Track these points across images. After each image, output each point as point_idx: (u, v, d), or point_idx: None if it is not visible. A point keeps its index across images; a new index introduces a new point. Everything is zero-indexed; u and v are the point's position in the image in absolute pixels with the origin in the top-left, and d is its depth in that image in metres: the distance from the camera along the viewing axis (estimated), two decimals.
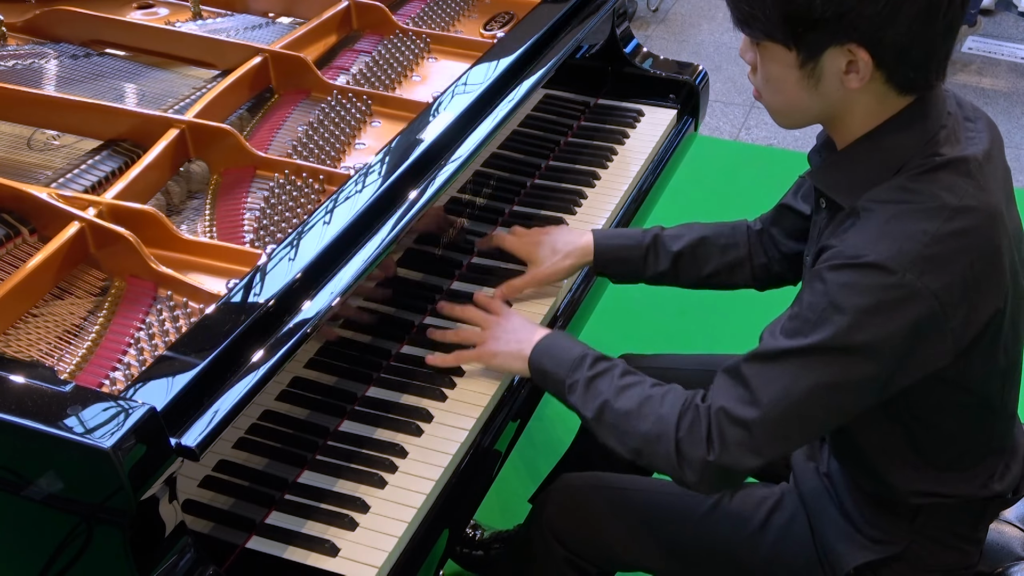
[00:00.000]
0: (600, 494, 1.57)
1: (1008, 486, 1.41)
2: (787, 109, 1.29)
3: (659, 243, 1.67)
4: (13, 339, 1.32)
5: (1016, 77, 4.49)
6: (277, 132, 1.75)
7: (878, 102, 1.24)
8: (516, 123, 1.85)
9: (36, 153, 1.66)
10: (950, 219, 1.19)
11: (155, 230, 1.45)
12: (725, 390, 1.28)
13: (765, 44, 1.24)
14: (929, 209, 1.20)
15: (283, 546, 1.30)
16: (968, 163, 1.23)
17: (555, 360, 1.44)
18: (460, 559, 2.18)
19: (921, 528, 1.40)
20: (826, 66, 1.21)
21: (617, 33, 2.25)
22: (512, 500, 2.25)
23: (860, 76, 1.20)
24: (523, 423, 1.61)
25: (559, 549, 1.56)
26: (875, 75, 1.21)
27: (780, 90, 1.27)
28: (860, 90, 1.22)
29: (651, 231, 1.69)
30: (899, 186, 1.23)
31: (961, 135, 1.27)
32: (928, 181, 1.22)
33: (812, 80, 1.23)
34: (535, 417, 1.66)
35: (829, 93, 1.24)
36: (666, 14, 5.05)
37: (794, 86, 1.24)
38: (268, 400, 1.31)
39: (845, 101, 1.25)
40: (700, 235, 1.67)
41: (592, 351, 1.43)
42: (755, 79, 1.30)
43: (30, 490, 1.11)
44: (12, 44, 1.93)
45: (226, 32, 1.99)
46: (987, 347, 1.28)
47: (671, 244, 1.67)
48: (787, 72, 1.24)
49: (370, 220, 1.43)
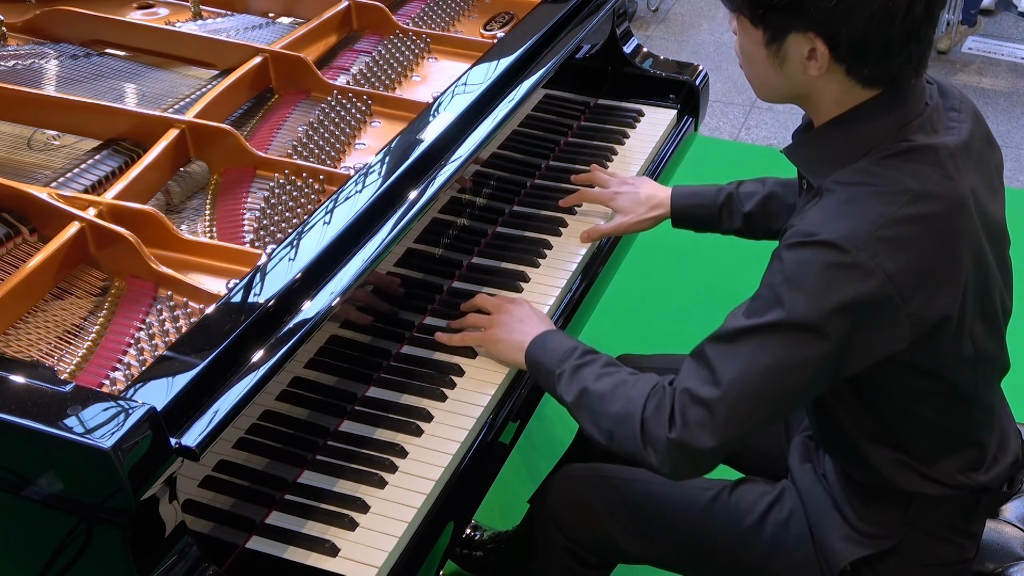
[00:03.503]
0: (601, 484, 1.58)
1: (995, 478, 1.42)
2: (758, 83, 1.34)
3: (732, 202, 1.76)
4: (13, 339, 1.32)
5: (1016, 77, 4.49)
6: (277, 132, 1.75)
7: (843, 91, 1.28)
8: (516, 123, 1.85)
9: (36, 153, 1.66)
10: (910, 204, 1.21)
11: (155, 230, 1.45)
12: (689, 371, 1.31)
13: (740, 18, 1.29)
14: (889, 193, 1.22)
15: (283, 546, 1.30)
16: (938, 151, 1.25)
17: (548, 352, 1.48)
18: (460, 560, 2.18)
19: (913, 521, 1.41)
20: (790, 50, 1.25)
21: (617, 33, 2.25)
22: (512, 500, 2.25)
23: (818, 65, 1.24)
24: (523, 423, 1.61)
25: (560, 538, 1.57)
26: (835, 66, 1.24)
27: (751, 64, 1.32)
28: (824, 77, 1.26)
29: (726, 189, 1.77)
30: (863, 168, 1.25)
31: (940, 125, 1.29)
32: (892, 166, 1.24)
33: (777, 60, 1.27)
34: (535, 417, 1.66)
35: (794, 75, 1.28)
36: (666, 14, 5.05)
37: (762, 63, 1.29)
38: (268, 400, 1.31)
39: (811, 84, 1.28)
40: (770, 192, 1.73)
41: (585, 346, 1.46)
42: (737, 49, 1.35)
43: (30, 490, 1.11)
44: (12, 44, 1.93)
45: (226, 32, 1.99)
46: (951, 337, 1.28)
47: (743, 204, 1.75)
48: (755, 48, 1.29)
49: (370, 220, 1.43)
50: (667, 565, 1.58)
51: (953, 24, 4.64)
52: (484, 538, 2.19)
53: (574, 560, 1.57)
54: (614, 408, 1.35)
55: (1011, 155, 3.87)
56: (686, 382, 1.30)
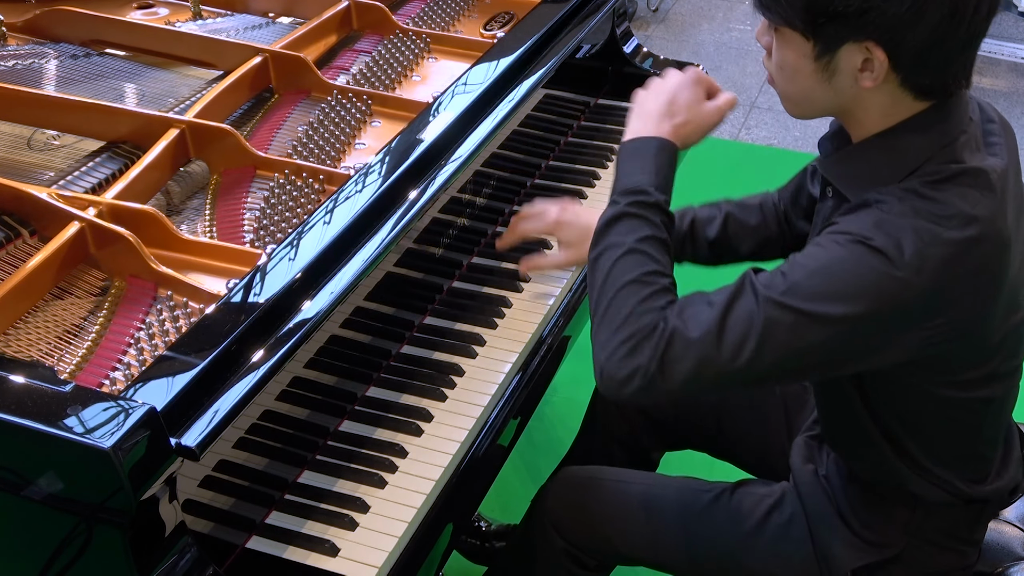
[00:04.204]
0: (600, 487, 1.57)
1: (1001, 489, 1.41)
2: (798, 98, 1.28)
3: (695, 230, 1.66)
4: (13, 339, 1.32)
5: (1016, 77, 4.49)
6: (277, 132, 1.75)
7: (892, 103, 1.23)
8: (516, 123, 1.85)
9: (36, 153, 1.66)
10: (960, 228, 1.17)
11: (155, 230, 1.45)
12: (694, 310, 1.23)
13: (783, 30, 1.22)
14: (940, 213, 1.18)
15: (283, 546, 1.30)
16: (987, 175, 1.21)
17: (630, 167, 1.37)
18: (464, 549, 2.18)
19: (917, 531, 1.40)
20: (842, 61, 1.19)
21: (617, 33, 2.25)
22: (512, 500, 2.25)
23: (874, 76, 1.18)
24: (523, 423, 1.61)
25: (559, 541, 1.56)
26: (890, 76, 1.19)
27: (793, 79, 1.25)
28: (874, 89, 1.20)
29: (685, 216, 1.66)
30: (913, 189, 1.20)
31: (982, 141, 1.26)
32: (943, 189, 1.19)
33: (826, 73, 1.21)
34: (535, 417, 1.66)
35: (843, 88, 1.22)
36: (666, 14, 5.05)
37: (808, 77, 1.23)
38: (268, 400, 1.31)
39: (859, 98, 1.23)
40: (726, 215, 1.65)
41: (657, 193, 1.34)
42: (769, 64, 1.28)
43: (30, 490, 1.11)
44: (12, 44, 1.93)
45: (226, 32, 1.99)
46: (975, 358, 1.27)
47: (706, 230, 1.65)
48: (801, 62, 1.22)
49: (370, 220, 1.43)
50: (666, 567, 1.58)
51: None
52: (492, 529, 2.19)
53: (573, 563, 1.57)
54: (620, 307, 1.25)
55: None
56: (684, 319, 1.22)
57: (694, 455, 1.84)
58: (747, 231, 1.65)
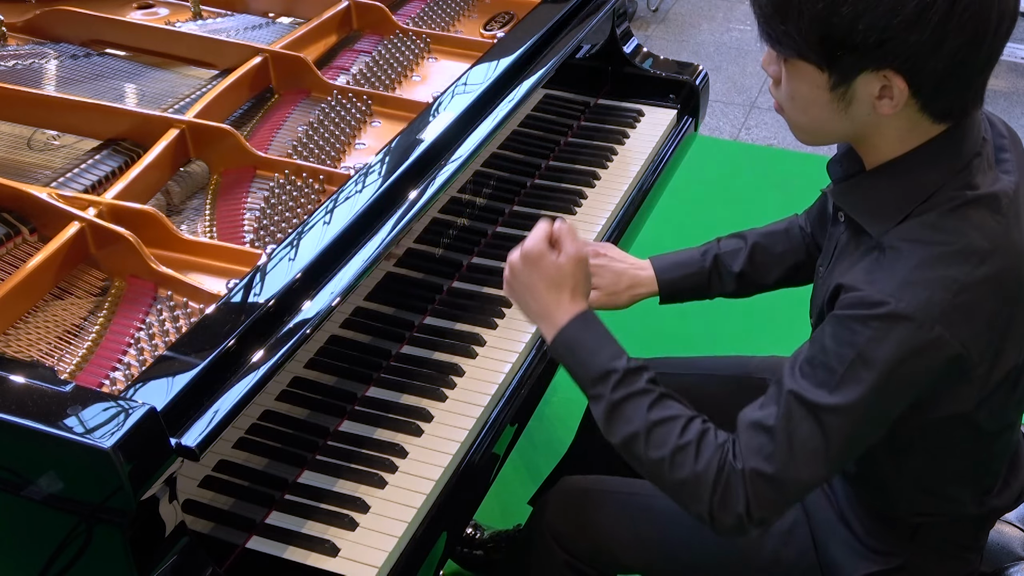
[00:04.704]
0: (600, 498, 1.56)
1: (1007, 500, 1.41)
2: (812, 128, 1.24)
3: (720, 265, 1.62)
4: (13, 339, 1.32)
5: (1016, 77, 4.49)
6: (277, 132, 1.75)
7: (910, 128, 1.19)
8: (516, 123, 1.85)
9: (36, 153, 1.66)
10: (979, 265, 1.15)
11: (155, 230, 1.45)
12: (757, 449, 1.22)
13: (794, 62, 1.18)
14: (958, 253, 1.15)
15: (283, 546, 1.30)
16: (999, 200, 1.19)
17: (577, 363, 1.32)
18: (460, 559, 2.18)
19: (923, 542, 1.40)
20: (858, 90, 1.16)
21: (617, 33, 2.25)
22: (512, 500, 2.25)
23: (894, 103, 1.15)
24: (523, 423, 1.61)
25: (559, 552, 1.55)
26: (909, 102, 1.15)
27: (806, 110, 1.22)
28: (892, 115, 1.17)
29: (709, 251, 1.64)
30: (929, 224, 1.17)
31: (994, 160, 1.24)
32: (959, 218, 1.17)
33: (842, 103, 1.18)
34: (535, 417, 1.66)
35: (859, 116, 1.19)
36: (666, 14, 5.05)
37: (822, 107, 1.19)
38: (268, 400, 1.31)
39: (875, 125, 1.20)
40: (753, 245, 1.63)
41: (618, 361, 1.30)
42: (778, 93, 1.25)
43: (30, 490, 1.11)
44: (12, 44, 1.93)
45: (226, 32, 1.99)
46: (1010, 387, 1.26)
47: (731, 263, 1.62)
48: (816, 93, 1.18)
49: (370, 220, 1.43)
50: None
51: None
52: (484, 537, 2.19)
53: (573, 574, 1.56)
54: (678, 476, 1.25)
55: None
56: (754, 461, 1.21)
57: None
58: (775, 259, 1.63)
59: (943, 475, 1.35)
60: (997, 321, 1.18)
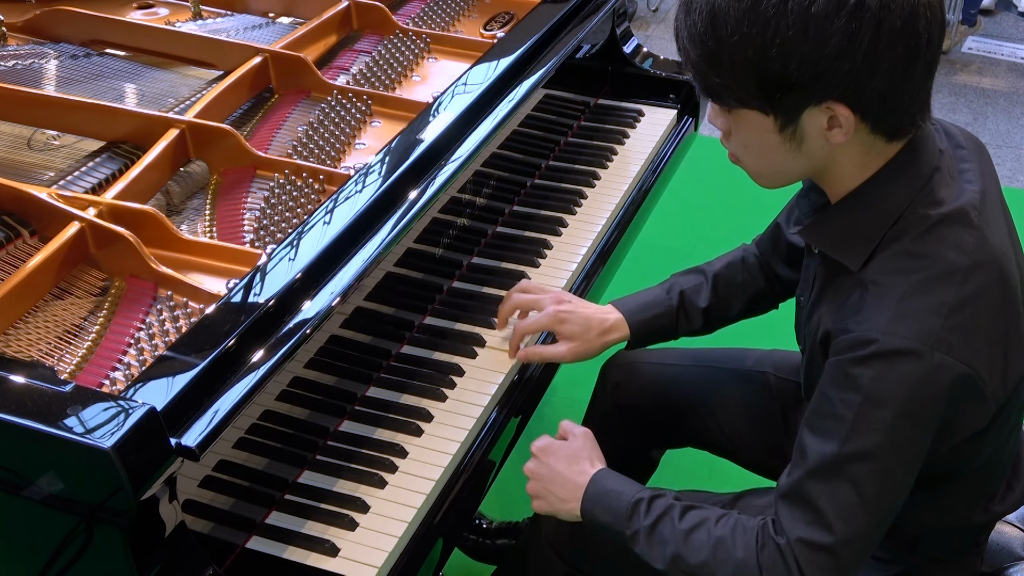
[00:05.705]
0: None
1: (1009, 507, 1.40)
2: (771, 172, 1.25)
3: (686, 302, 1.61)
4: (13, 339, 1.32)
5: (1016, 77, 4.49)
6: (277, 132, 1.75)
7: (865, 152, 1.20)
8: (516, 123, 1.85)
9: (36, 153, 1.66)
10: (963, 282, 1.15)
11: (155, 230, 1.45)
12: (795, 519, 1.22)
13: (739, 111, 1.19)
14: (940, 275, 1.15)
15: (283, 546, 1.30)
16: (968, 213, 1.19)
17: (609, 511, 1.35)
18: (465, 546, 2.17)
19: (924, 551, 1.40)
20: (807, 126, 1.16)
21: (617, 33, 2.25)
22: (512, 500, 2.25)
23: (844, 130, 1.15)
24: (523, 422, 1.61)
25: (559, 563, 1.55)
26: (859, 127, 1.16)
27: (761, 155, 1.22)
28: (846, 143, 1.17)
29: (673, 290, 1.62)
30: (904, 251, 1.18)
31: (955, 168, 1.24)
32: (933, 241, 1.17)
33: (794, 142, 1.18)
34: (535, 417, 1.66)
35: (813, 152, 1.19)
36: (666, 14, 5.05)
37: (775, 150, 1.20)
38: (268, 400, 1.31)
39: (832, 156, 1.20)
40: (717, 276, 1.62)
41: (642, 492, 1.35)
42: (730, 145, 1.25)
43: (30, 490, 1.11)
44: (12, 44, 1.93)
45: (226, 32, 1.99)
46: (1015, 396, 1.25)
47: (696, 299, 1.61)
48: (767, 137, 1.19)
49: (370, 220, 1.43)
50: None
51: (953, 24, 4.64)
52: (492, 527, 2.19)
53: None
54: (724, 572, 1.26)
55: (1011, 155, 3.87)
56: (796, 531, 1.21)
57: (695, 453, 1.84)
58: (737, 289, 1.63)
59: (948, 490, 1.34)
60: (994, 333, 1.17)
